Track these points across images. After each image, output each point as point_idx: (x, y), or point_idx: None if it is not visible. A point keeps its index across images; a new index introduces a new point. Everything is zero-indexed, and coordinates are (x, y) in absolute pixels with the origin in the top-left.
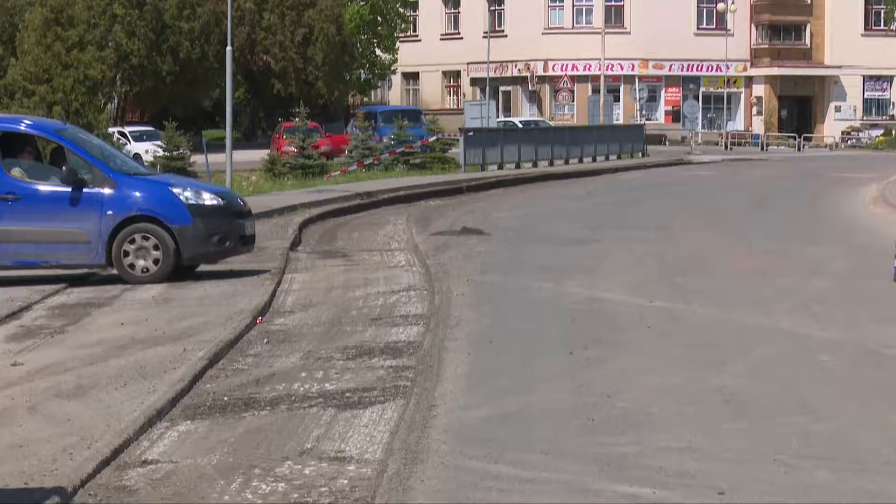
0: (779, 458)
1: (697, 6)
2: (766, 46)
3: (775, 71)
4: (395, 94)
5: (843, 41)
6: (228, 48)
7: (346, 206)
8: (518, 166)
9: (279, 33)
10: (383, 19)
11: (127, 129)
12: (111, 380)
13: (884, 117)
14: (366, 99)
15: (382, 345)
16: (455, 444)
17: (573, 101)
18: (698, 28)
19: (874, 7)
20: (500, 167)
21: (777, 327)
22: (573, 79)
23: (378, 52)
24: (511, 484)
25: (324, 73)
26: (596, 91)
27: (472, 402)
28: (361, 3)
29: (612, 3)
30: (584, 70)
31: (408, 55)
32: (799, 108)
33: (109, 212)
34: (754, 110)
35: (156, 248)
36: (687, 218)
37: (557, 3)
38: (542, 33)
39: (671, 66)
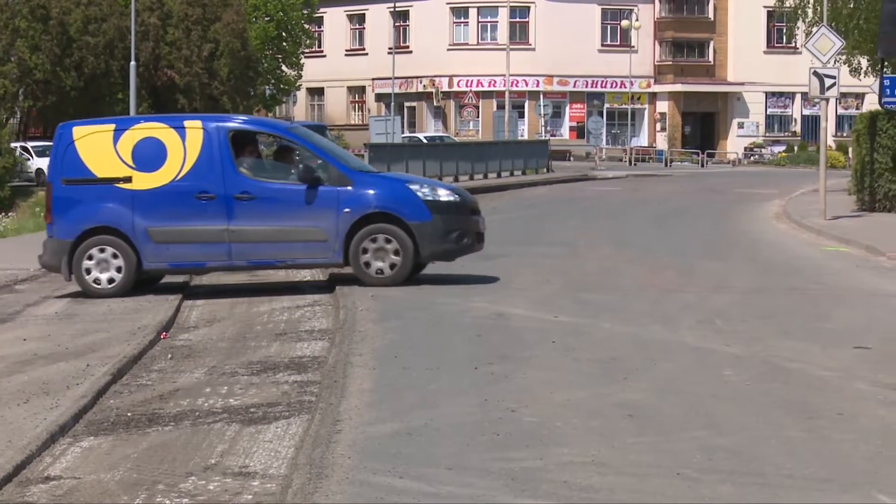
0: (682, 472)
1: (602, 23)
2: (670, 63)
3: (679, 87)
4: (300, 110)
5: (746, 58)
6: (132, 63)
7: None
8: None
9: (184, 48)
10: (288, 35)
11: (30, 144)
12: (13, 396)
13: (786, 133)
14: (271, 114)
15: (287, 360)
16: (360, 459)
17: (478, 116)
18: (602, 45)
19: (776, 24)
20: None
21: (681, 342)
22: (478, 94)
23: (283, 67)
24: (416, 499)
25: (229, 89)
26: (501, 107)
27: (378, 417)
28: (267, 19)
29: (517, 19)
30: (489, 86)
31: (313, 71)
32: (702, 125)
33: (346, 209)
34: (658, 126)
35: (387, 241)
36: (592, 233)
37: (462, 20)
38: (447, 49)
39: (576, 82)
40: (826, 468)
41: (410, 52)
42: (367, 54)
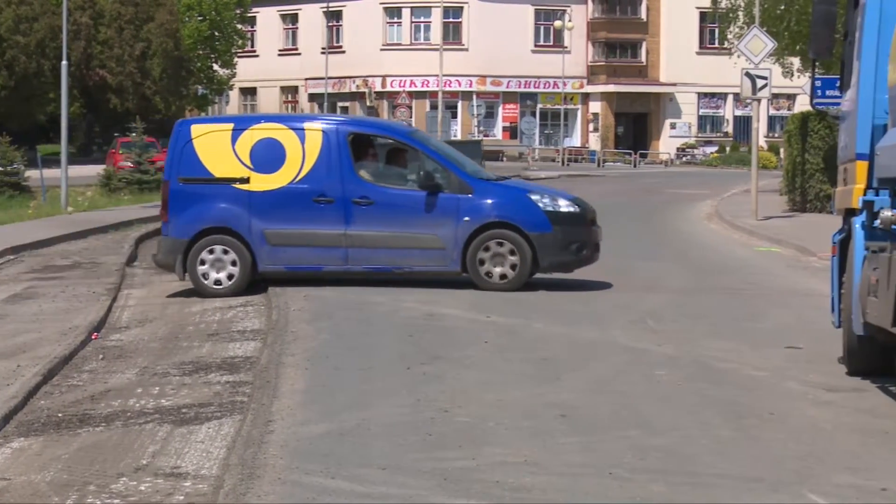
0: (614, 471)
1: (535, 24)
2: (603, 64)
3: (612, 88)
4: (232, 110)
5: (679, 59)
6: (64, 63)
7: None
8: None
9: (116, 48)
10: (221, 34)
11: None
12: None
13: (718, 134)
14: (203, 114)
15: (219, 360)
16: (292, 459)
17: (411, 116)
18: (536, 45)
19: (709, 26)
20: None
21: (613, 342)
22: (411, 94)
23: (216, 67)
24: (348, 499)
25: (161, 88)
26: (434, 107)
27: (310, 417)
28: (200, 19)
29: (451, 20)
30: (423, 86)
31: (245, 70)
32: (635, 125)
33: (466, 218)
34: (591, 127)
35: (512, 253)
36: None
37: (395, 20)
38: (381, 49)
39: (509, 82)
40: (757, 467)
41: (343, 52)
42: (300, 54)
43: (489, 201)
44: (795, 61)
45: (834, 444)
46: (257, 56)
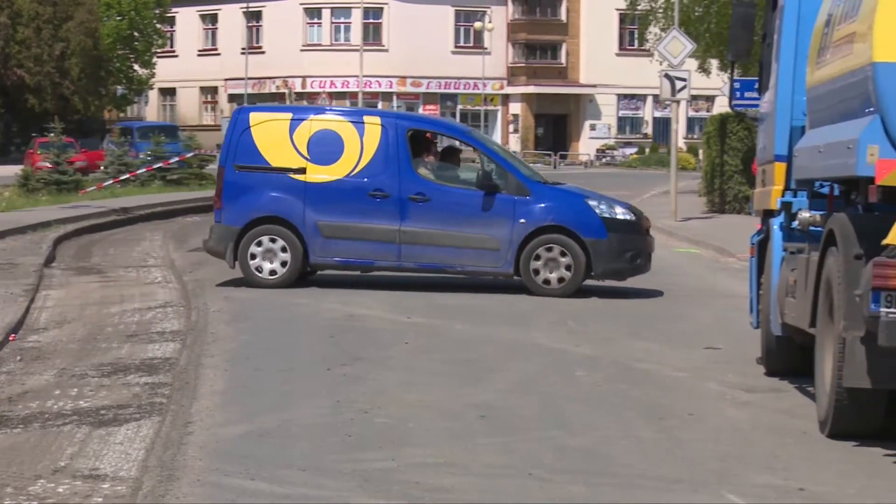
0: (534, 472)
1: (455, 25)
2: (523, 65)
3: (532, 89)
4: (151, 110)
5: (598, 60)
6: None
7: (102, 222)
8: None
9: (35, 47)
10: (140, 34)
11: None
12: None
13: (637, 135)
14: (122, 114)
15: (138, 362)
16: (211, 460)
17: None
18: (456, 46)
19: (628, 27)
20: None
21: (534, 343)
22: (331, 95)
23: (135, 67)
24: (268, 500)
25: (80, 88)
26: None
27: (229, 418)
28: (119, 18)
29: (371, 20)
30: (343, 87)
31: (165, 71)
32: (555, 126)
33: (522, 220)
34: (511, 128)
35: (564, 255)
36: None
37: (315, 20)
38: (301, 50)
39: (429, 83)
40: (677, 468)
41: (263, 52)
42: (219, 55)
43: (546, 205)
44: (714, 64)
45: (752, 445)
46: (176, 56)
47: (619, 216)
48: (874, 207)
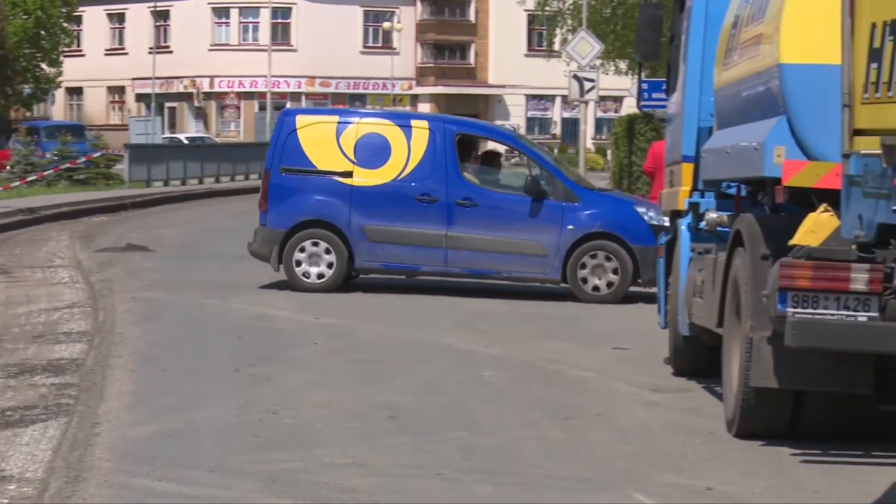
0: (442, 472)
1: (364, 25)
2: (432, 65)
3: (441, 90)
4: (58, 110)
5: (507, 61)
6: None
7: (8, 222)
8: (184, 183)
9: None
10: (47, 33)
11: None
12: None
13: (546, 136)
14: (29, 114)
15: (45, 362)
16: (119, 462)
17: (240, 117)
18: (364, 46)
19: (537, 28)
20: (166, 184)
21: (442, 343)
22: (240, 95)
23: (43, 66)
24: (176, 500)
25: None
26: (263, 108)
27: (137, 419)
28: (25, 17)
29: (279, 20)
30: (251, 87)
31: (72, 70)
32: None
33: (570, 226)
34: None
35: (607, 259)
36: None
37: (224, 20)
38: (209, 49)
39: (338, 83)
40: (585, 468)
41: (171, 52)
42: (127, 54)
43: (594, 211)
44: (622, 65)
45: (660, 444)
46: (84, 55)
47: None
48: (781, 208)
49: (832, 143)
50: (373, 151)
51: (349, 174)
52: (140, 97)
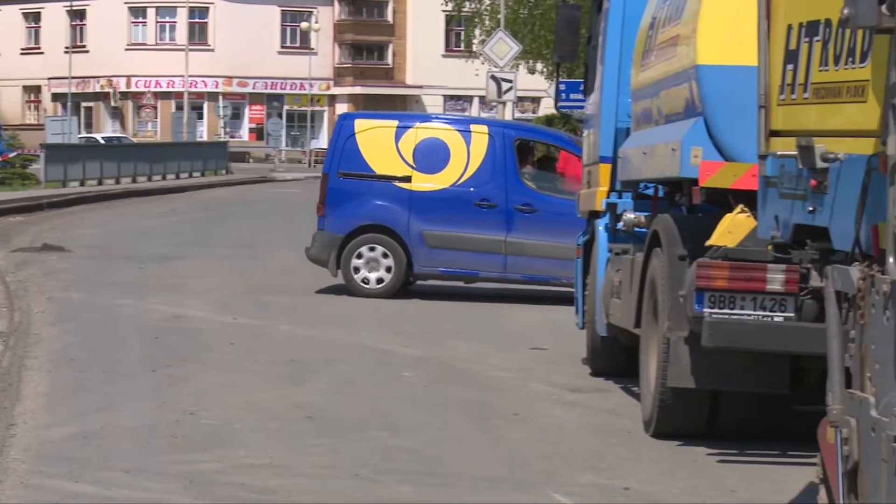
0: (361, 473)
1: (281, 25)
2: (350, 65)
3: (359, 90)
4: None
5: (425, 61)
6: None
7: None
8: (101, 183)
9: None
10: None
11: None
12: None
13: None
14: None
15: None
16: (35, 463)
17: (157, 117)
18: (282, 47)
19: (455, 28)
20: (83, 184)
21: (360, 344)
22: (156, 95)
23: None
24: (92, 502)
25: None
26: (179, 108)
27: (53, 420)
28: None
29: (196, 20)
30: (168, 87)
31: None
32: None
33: None
34: None
35: None
36: (271, 236)
37: (140, 20)
38: (125, 49)
39: (255, 83)
40: (503, 468)
41: (88, 51)
42: (43, 53)
43: None
44: (540, 66)
45: (578, 444)
46: None
47: None
48: (698, 209)
49: (749, 144)
50: (432, 156)
51: (408, 179)
52: (56, 97)
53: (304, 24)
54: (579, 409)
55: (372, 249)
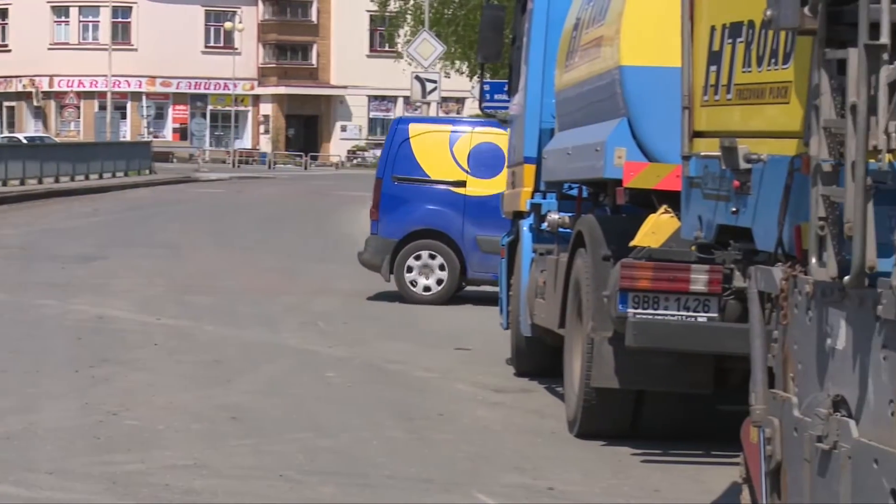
0: (285, 473)
1: (205, 25)
2: (274, 66)
3: (283, 90)
4: None
5: (349, 62)
6: None
7: None
8: (23, 183)
9: None
10: None
11: None
12: None
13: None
14: None
15: None
16: None
17: (79, 117)
18: (206, 46)
19: (379, 29)
20: (5, 183)
21: (284, 344)
22: (79, 95)
23: None
24: (15, 503)
25: None
26: (103, 108)
27: None
28: None
29: (119, 19)
30: (91, 86)
31: None
32: (306, 127)
33: None
34: (262, 128)
35: None
36: (195, 236)
37: (63, 19)
38: (48, 49)
39: (179, 83)
40: (428, 468)
41: (9, 50)
42: None
43: None
44: (464, 66)
45: (502, 445)
46: None
47: None
48: (622, 209)
49: (672, 145)
50: (486, 161)
51: (462, 184)
52: None
53: (227, 24)
54: (504, 409)
55: (426, 255)
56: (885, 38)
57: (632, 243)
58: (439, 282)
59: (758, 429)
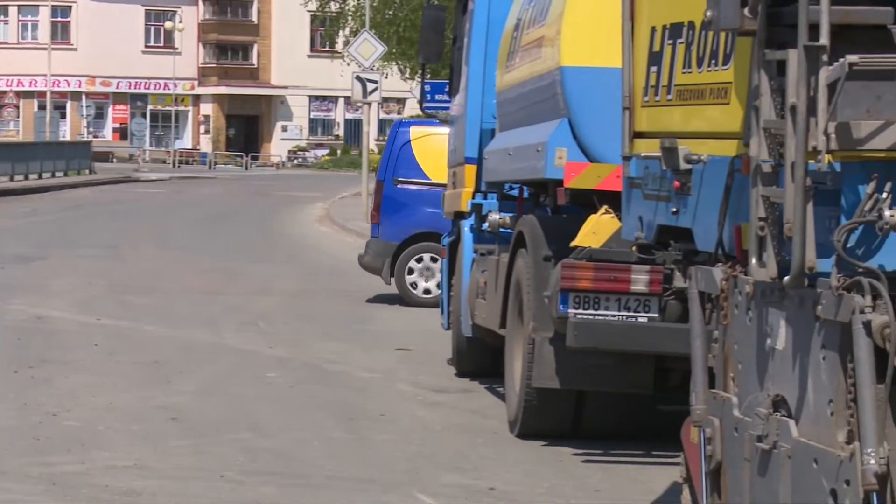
0: (226, 474)
1: (146, 24)
2: (214, 65)
3: (223, 90)
4: None
5: (290, 62)
6: None
7: None
8: None
9: None
10: None
11: None
12: None
13: (329, 137)
14: None
15: None
16: None
17: (18, 116)
18: (146, 46)
19: (319, 29)
20: None
21: (224, 345)
22: (18, 94)
23: None
24: None
25: None
26: (42, 107)
27: None
28: None
29: (59, 18)
30: (31, 86)
31: None
32: (247, 128)
33: None
34: (202, 129)
35: None
36: (135, 236)
37: (2, 18)
38: None
39: (119, 83)
40: (368, 469)
41: None
42: None
43: None
44: (406, 67)
45: (443, 445)
46: None
47: None
48: (562, 209)
49: (613, 146)
50: None
51: None
52: None
53: (168, 24)
54: (444, 409)
55: (427, 258)
56: (824, 40)
57: (572, 244)
58: (439, 285)
59: (698, 429)
